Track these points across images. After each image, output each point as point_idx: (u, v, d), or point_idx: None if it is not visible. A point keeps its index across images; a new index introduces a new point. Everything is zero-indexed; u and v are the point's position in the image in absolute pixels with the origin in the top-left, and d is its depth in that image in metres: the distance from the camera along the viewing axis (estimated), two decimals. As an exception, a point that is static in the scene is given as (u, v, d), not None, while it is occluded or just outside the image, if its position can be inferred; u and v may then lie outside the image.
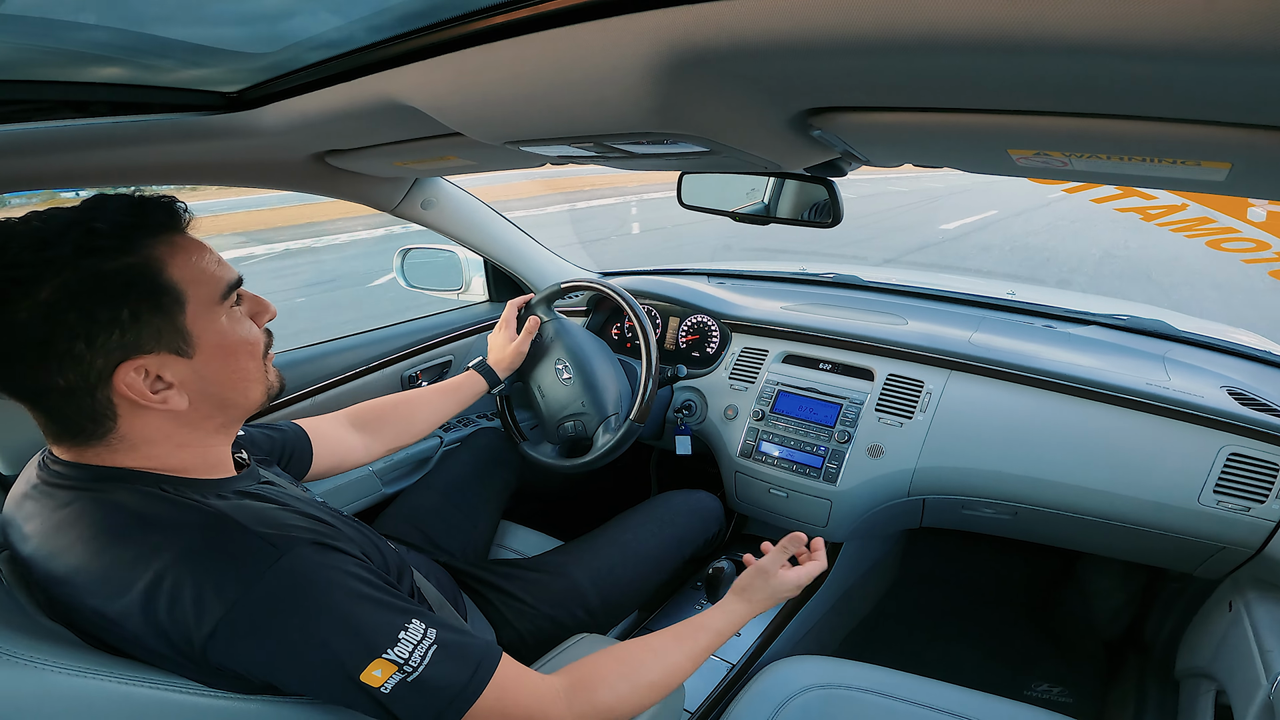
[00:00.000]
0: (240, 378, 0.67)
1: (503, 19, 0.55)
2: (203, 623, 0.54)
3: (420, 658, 0.59)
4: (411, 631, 0.60)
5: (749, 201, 1.30)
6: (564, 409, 1.45)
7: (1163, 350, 1.39)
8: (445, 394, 1.28)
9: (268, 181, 1.22)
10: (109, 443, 0.61)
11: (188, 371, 0.62)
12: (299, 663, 0.57)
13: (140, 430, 0.62)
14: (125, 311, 0.57)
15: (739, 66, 0.48)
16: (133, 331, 0.58)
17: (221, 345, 0.64)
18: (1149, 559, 1.33)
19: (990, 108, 0.50)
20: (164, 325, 0.59)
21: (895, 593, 1.87)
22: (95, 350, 0.56)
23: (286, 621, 0.56)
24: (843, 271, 1.91)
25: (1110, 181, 0.73)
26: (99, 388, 0.58)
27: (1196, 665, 1.19)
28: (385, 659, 0.58)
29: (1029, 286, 1.78)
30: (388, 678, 0.57)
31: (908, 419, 1.36)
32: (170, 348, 0.60)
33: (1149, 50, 0.34)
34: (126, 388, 0.58)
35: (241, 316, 0.67)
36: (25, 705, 0.52)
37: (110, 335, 0.56)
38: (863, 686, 1.01)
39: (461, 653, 0.62)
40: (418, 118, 0.74)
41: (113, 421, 0.60)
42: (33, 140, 0.80)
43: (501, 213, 1.72)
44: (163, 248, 0.60)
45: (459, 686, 0.60)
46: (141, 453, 0.62)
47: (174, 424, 0.63)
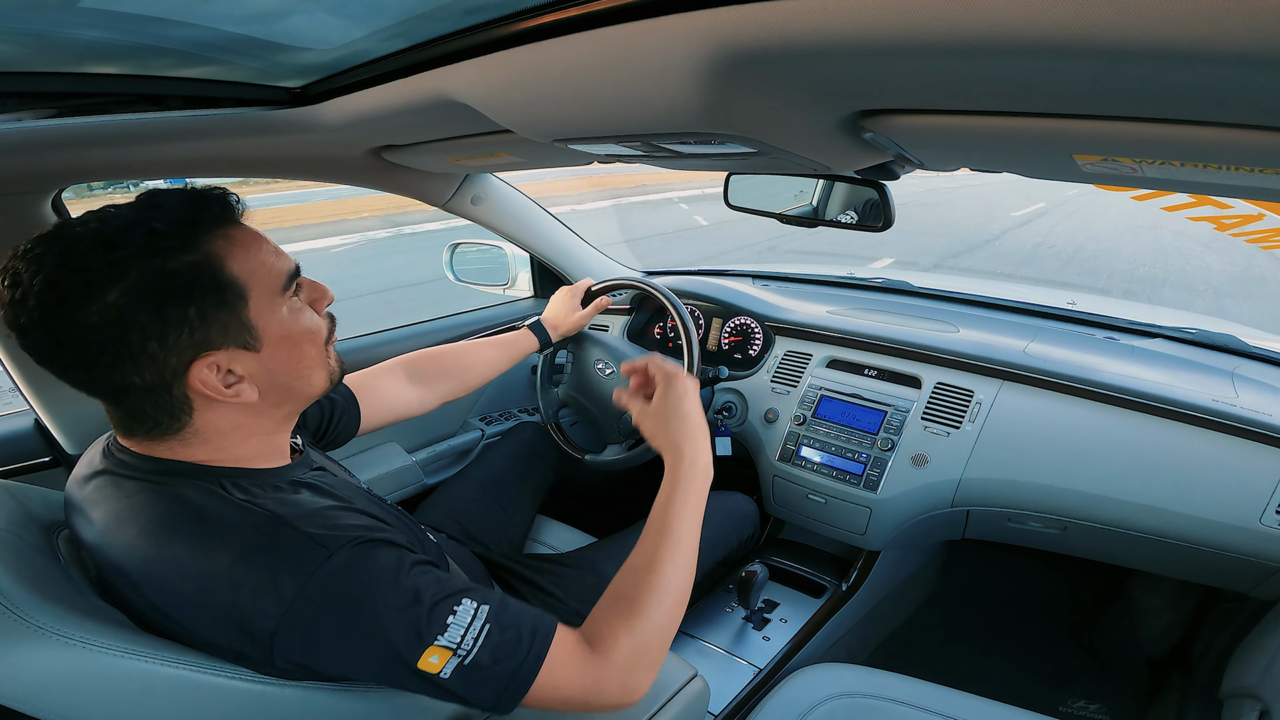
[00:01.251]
0: (305, 366, 0.68)
1: (552, 18, 0.56)
2: (265, 623, 0.56)
3: (473, 640, 0.60)
4: (461, 614, 0.60)
5: (797, 203, 1.28)
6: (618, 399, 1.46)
7: (1232, 366, 1.33)
8: (500, 347, 1.29)
9: (326, 175, 1.26)
10: (182, 436, 0.63)
11: (255, 364, 0.63)
12: (359, 656, 0.59)
13: (213, 422, 0.64)
14: (193, 309, 0.58)
15: (789, 67, 0.48)
16: (201, 329, 0.59)
17: (285, 336, 0.65)
18: (1203, 577, 1.30)
19: (1056, 111, 0.48)
20: (230, 320, 0.60)
21: (932, 604, 1.82)
22: (168, 349, 0.57)
23: (340, 619, 0.58)
24: (893, 276, 1.87)
25: (1182, 189, 0.70)
26: (175, 384, 0.59)
27: (1243, 685, 1.16)
28: (438, 645, 0.58)
29: (1090, 296, 1.72)
30: (445, 663, 0.58)
31: (955, 429, 1.32)
32: (238, 342, 0.61)
33: (1233, 55, 0.32)
34: (201, 384, 0.60)
35: (302, 305, 0.68)
36: (76, 685, 0.53)
37: (181, 333, 0.57)
38: (890, 696, 0.99)
39: (515, 626, 0.63)
40: (470, 114, 0.76)
41: (188, 416, 0.62)
42: (113, 132, 0.85)
43: (548, 209, 1.74)
44: (220, 242, 0.61)
45: (516, 662, 0.61)
46: (213, 444, 0.65)
47: (245, 415, 0.65)
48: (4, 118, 0.76)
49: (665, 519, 0.78)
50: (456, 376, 1.21)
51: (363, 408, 1.04)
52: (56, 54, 0.71)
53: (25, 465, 1.13)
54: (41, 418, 1.12)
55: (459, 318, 1.76)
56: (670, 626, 0.72)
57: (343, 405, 1.02)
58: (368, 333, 1.61)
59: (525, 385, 1.84)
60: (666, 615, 0.72)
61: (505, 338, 1.32)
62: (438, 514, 1.29)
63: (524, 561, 1.20)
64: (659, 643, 0.71)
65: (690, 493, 0.81)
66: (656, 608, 0.71)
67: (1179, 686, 1.46)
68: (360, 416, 1.04)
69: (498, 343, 1.30)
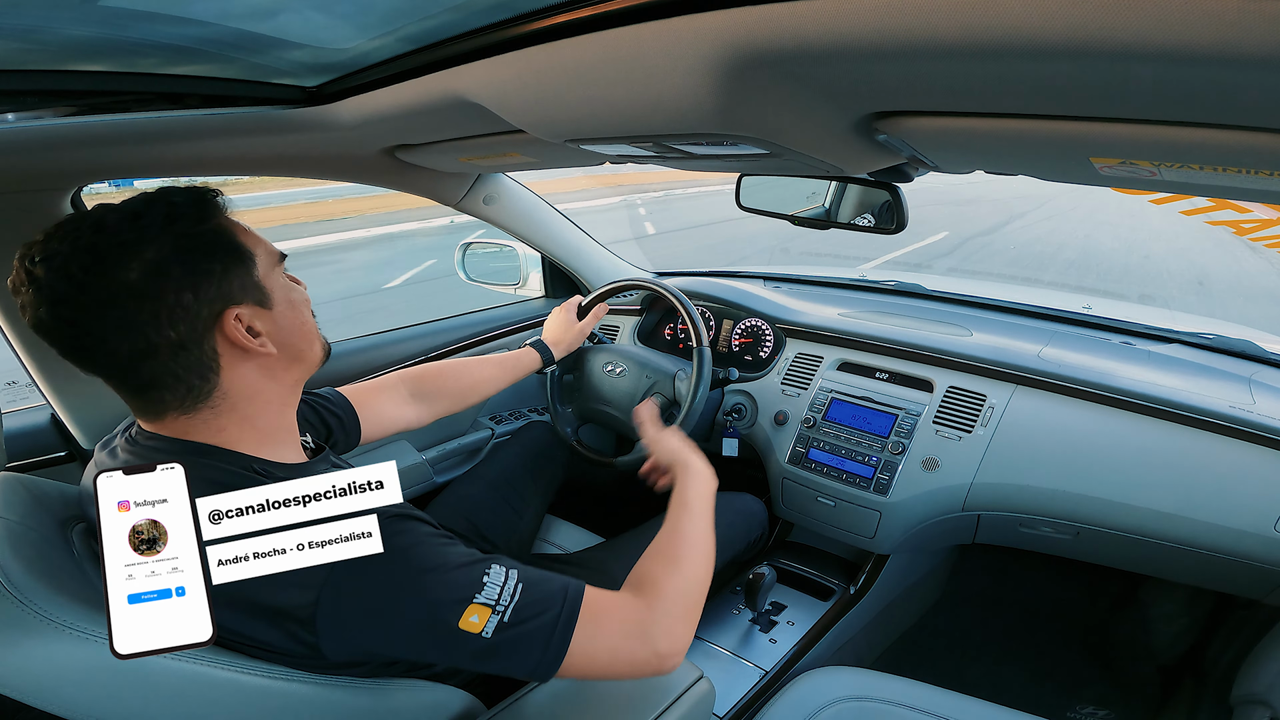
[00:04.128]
0: (307, 330, 0.74)
1: (566, 18, 0.56)
2: (306, 595, 0.58)
3: (510, 596, 0.62)
4: (495, 574, 0.63)
5: (809, 205, 1.28)
6: (635, 395, 1.46)
7: (1249, 372, 1.31)
8: (502, 367, 1.31)
9: (340, 174, 1.27)
10: (213, 403, 0.65)
11: (270, 322, 0.68)
12: (401, 624, 0.60)
13: (237, 385, 0.66)
14: (218, 265, 0.64)
15: (802, 69, 0.47)
16: (225, 283, 0.64)
17: (288, 299, 0.71)
18: (1216, 584, 1.29)
19: (1074, 114, 0.48)
20: (246, 279, 0.66)
21: (941, 608, 1.81)
22: (200, 300, 0.62)
23: (379, 587, 0.59)
24: (905, 279, 1.86)
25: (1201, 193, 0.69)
26: (205, 338, 0.63)
27: (1254, 691, 1.15)
28: (478, 603, 0.61)
29: (1107, 300, 1.70)
30: (485, 622, 0.61)
31: (967, 433, 1.31)
32: (254, 299, 0.67)
33: (1254, 57, 0.32)
34: (232, 330, 0.64)
35: (289, 283, 0.74)
36: (87, 679, 0.53)
37: (210, 286, 0.63)
38: (898, 700, 0.98)
39: (546, 583, 0.66)
40: (483, 114, 0.76)
41: (216, 375, 0.65)
42: (132, 130, 0.85)
43: (560, 209, 1.74)
44: (225, 219, 0.67)
45: (555, 613, 0.64)
46: (239, 413, 0.67)
47: (262, 378, 0.68)
48: (26, 116, 0.77)
49: (684, 498, 0.88)
50: (457, 395, 1.23)
51: (362, 423, 1.06)
52: (77, 53, 0.72)
53: (41, 460, 1.15)
54: (58, 413, 1.13)
55: (470, 317, 1.77)
56: (705, 579, 0.78)
57: (343, 419, 1.03)
58: (377, 331, 1.62)
59: (535, 385, 1.84)
60: (701, 568, 0.79)
61: (508, 356, 1.34)
62: (447, 512, 1.30)
63: (533, 561, 1.20)
64: (698, 591, 0.76)
65: (702, 484, 0.91)
66: (691, 560, 0.78)
67: (1190, 693, 1.45)
68: (360, 431, 1.06)
69: (500, 361, 1.32)
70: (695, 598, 0.75)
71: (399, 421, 1.13)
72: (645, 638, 0.68)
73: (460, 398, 1.23)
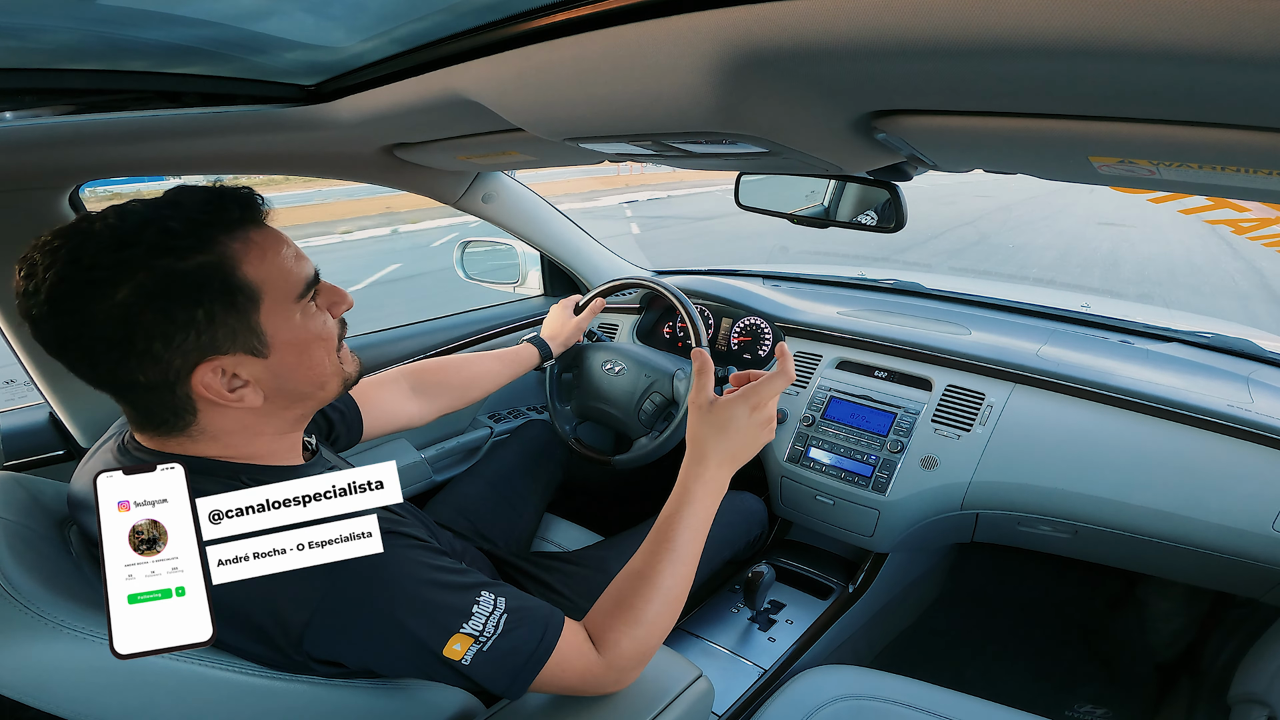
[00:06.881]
0: (316, 373, 0.67)
1: (565, 16, 0.56)
2: (300, 615, 0.58)
3: (494, 628, 0.64)
4: (483, 604, 0.64)
5: (808, 204, 1.28)
6: (633, 393, 1.46)
7: (1248, 371, 1.31)
8: (502, 362, 1.31)
9: (339, 172, 1.27)
10: (190, 434, 0.64)
11: (262, 370, 0.63)
12: (387, 647, 0.61)
13: (219, 423, 0.64)
14: (200, 312, 0.57)
15: (801, 67, 0.47)
16: (208, 333, 0.58)
17: (295, 342, 0.64)
18: (1214, 583, 1.30)
19: (1073, 113, 0.48)
20: (239, 325, 0.60)
21: (940, 607, 1.81)
22: (172, 350, 0.57)
23: (369, 611, 0.60)
24: (904, 278, 1.86)
25: (1200, 192, 0.69)
26: (178, 385, 0.59)
27: (1252, 690, 1.15)
28: (462, 633, 0.62)
29: (1106, 299, 1.70)
30: (466, 650, 0.62)
31: (966, 431, 1.31)
32: (245, 348, 0.61)
33: (1253, 57, 0.32)
34: (204, 388, 0.59)
35: (316, 311, 0.67)
36: (84, 679, 0.53)
37: (187, 336, 0.57)
38: (896, 699, 0.99)
39: (530, 617, 0.67)
40: (481, 113, 0.76)
41: (192, 415, 0.62)
42: (129, 129, 0.85)
43: (558, 208, 1.74)
44: (238, 245, 0.60)
45: (530, 649, 0.66)
46: (222, 442, 0.65)
47: (252, 417, 0.65)
48: (23, 114, 0.77)
49: (670, 530, 0.77)
50: (459, 390, 1.23)
51: (365, 418, 1.05)
52: (74, 51, 0.71)
53: (39, 459, 1.15)
54: (56, 411, 1.13)
55: (469, 315, 1.77)
56: (667, 626, 0.77)
57: (345, 415, 1.03)
58: (377, 330, 1.62)
59: (534, 383, 1.85)
60: (665, 619, 0.76)
61: (508, 351, 1.34)
62: (446, 511, 1.29)
63: (532, 560, 1.20)
64: (655, 640, 0.76)
65: (700, 505, 0.79)
66: (656, 613, 0.75)
67: (1187, 692, 1.45)
68: (363, 427, 1.05)
69: (499, 356, 1.32)
70: (657, 641, 0.76)
71: (401, 416, 1.13)
72: (598, 683, 0.73)
73: (461, 392, 1.23)
